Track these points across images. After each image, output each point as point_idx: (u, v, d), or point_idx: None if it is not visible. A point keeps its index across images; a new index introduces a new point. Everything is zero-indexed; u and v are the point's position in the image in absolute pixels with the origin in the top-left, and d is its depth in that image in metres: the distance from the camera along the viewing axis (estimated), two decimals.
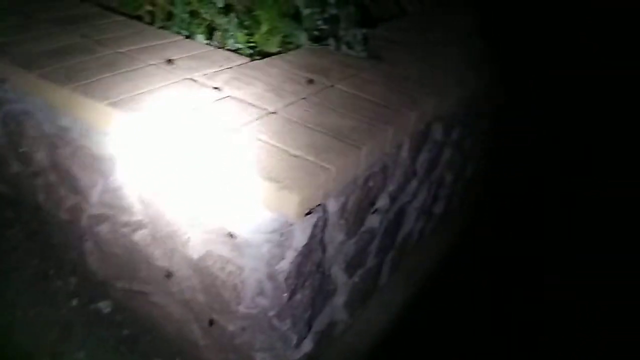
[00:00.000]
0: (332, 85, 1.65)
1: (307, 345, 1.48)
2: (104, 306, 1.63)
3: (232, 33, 1.92)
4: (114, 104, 1.33)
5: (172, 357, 1.54)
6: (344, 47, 1.92)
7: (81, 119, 1.43)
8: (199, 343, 1.47)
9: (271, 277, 1.25)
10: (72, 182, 1.53)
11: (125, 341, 1.56)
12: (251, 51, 1.92)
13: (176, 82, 1.51)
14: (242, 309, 1.32)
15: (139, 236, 1.40)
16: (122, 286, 1.57)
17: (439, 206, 2.25)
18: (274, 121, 1.38)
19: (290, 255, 1.23)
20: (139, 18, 2.06)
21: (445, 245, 2.32)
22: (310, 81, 1.64)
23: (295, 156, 1.23)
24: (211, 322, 1.39)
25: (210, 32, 1.92)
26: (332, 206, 1.32)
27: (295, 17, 1.98)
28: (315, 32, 1.97)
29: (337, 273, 1.54)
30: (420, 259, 2.16)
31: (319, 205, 1.24)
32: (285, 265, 1.23)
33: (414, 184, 1.79)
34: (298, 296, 1.34)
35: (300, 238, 1.23)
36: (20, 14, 1.94)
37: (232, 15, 1.91)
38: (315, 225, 1.25)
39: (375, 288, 1.88)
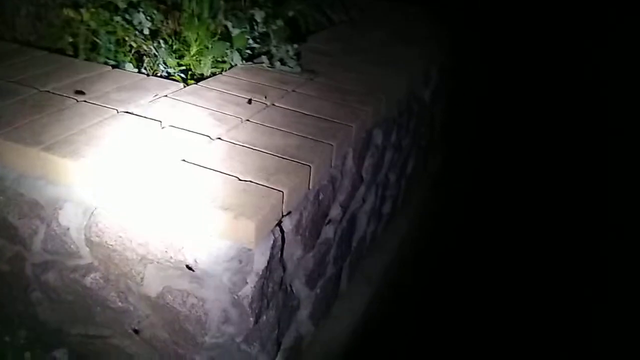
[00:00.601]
0: (272, 104, 1.66)
1: None
2: (61, 354, 1.55)
3: (161, 58, 1.89)
4: (47, 149, 1.27)
5: None
6: (277, 64, 1.94)
7: (14, 167, 1.35)
8: None
9: (235, 304, 1.25)
10: (10, 232, 1.44)
11: None
12: (183, 75, 1.89)
13: (110, 117, 1.47)
14: (208, 339, 1.30)
15: (90, 280, 1.35)
16: (78, 332, 1.50)
17: (387, 206, 2.33)
18: (219, 148, 1.38)
19: (252, 280, 1.24)
20: (61, 51, 1.97)
21: (396, 243, 2.40)
22: (249, 102, 1.65)
23: (246, 181, 1.24)
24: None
25: (138, 60, 1.88)
26: (287, 225, 1.34)
27: (225, 36, 1.98)
28: (247, 51, 1.97)
29: (299, 287, 1.56)
30: (375, 260, 2.22)
31: (275, 226, 1.25)
32: (248, 290, 1.23)
33: (362, 190, 1.85)
34: (264, 317, 1.35)
35: (260, 261, 1.24)
36: None
37: (160, 40, 1.88)
38: (273, 247, 1.26)
39: (337, 295, 1.91)
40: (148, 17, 1.78)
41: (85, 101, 1.53)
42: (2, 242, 1.52)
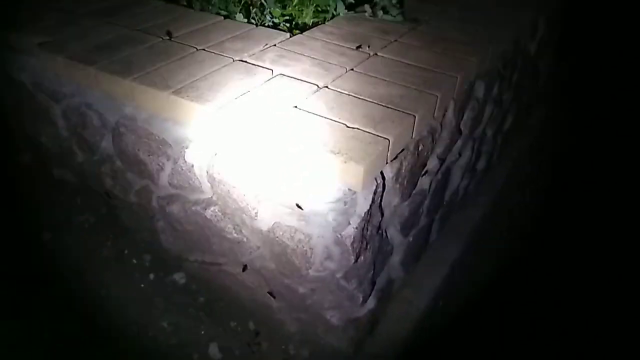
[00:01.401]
0: (375, 54, 1.69)
1: (371, 303, 1.59)
2: (179, 278, 1.77)
3: (268, 9, 1.96)
4: (177, 92, 1.41)
5: (246, 320, 1.68)
6: (379, 13, 1.94)
7: (145, 108, 1.52)
8: (271, 305, 1.60)
9: (338, 242, 1.34)
10: (140, 167, 1.64)
11: (203, 308, 1.70)
12: (288, 25, 1.96)
13: (227, 65, 1.58)
14: (311, 272, 1.42)
15: (210, 213, 1.51)
16: (195, 259, 1.70)
17: (482, 162, 2.30)
18: (327, 96, 1.44)
19: (355, 221, 1.32)
20: (176, 1, 2.10)
21: (487, 200, 2.38)
22: (354, 51, 1.68)
23: (354, 128, 1.30)
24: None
25: (247, 10, 1.97)
26: (388, 172, 1.39)
27: None
28: (350, 0, 1.99)
29: (394, 234, 1.63)
30: (466, 215, 2.23)
31: (379, 172, 1.31)
32: (350, 230, 1.32)
33: (459, 143, 1.84)
34: (362, 258, 1.44)
35: (362, 204, 1.31)
36: (59, 10, 2.00)
37: None
38: (375, 192, 1.33)
39: (427, 245, 1.97)
40: None
41: (204, 49, 1.65)
42: (132, 176, 1.73)
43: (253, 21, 1.93)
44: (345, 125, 1.31)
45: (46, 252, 1.86)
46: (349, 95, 1.45)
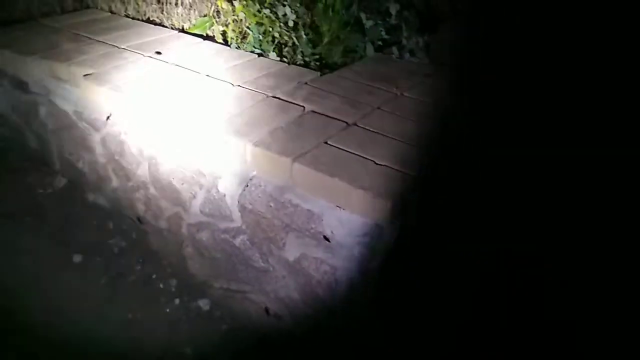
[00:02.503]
0: (402, 94, 1.76)
1: None
2: (204, 304, 1.81)
3: (300, 48, 2.06)
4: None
5: None
6: (406, 55, 2.02)
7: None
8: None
9: (362, 274, 1.38)
10: (173, 195, 1.71)
11: (226, 335, 1.73)
12: (318, 63, 2.05)
13: (261, 101, 1.66)
14: (335, 303, 1.45)
15: (238, 241, 1.56)
16: (221, 285, 1.74)
17: None
18: (355, 133, 1.51)
19: (380, 253, 1.36)
20: (212, 39, 2.23)
21: None
22: (382, 90, 1.75)
23: (382, 165, 1.35)
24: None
25: (280, 49, 2.07)
26: None
27: (357, 27, 2.10)
28: (379, 42, 2.08)
29: None
30: None
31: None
32: (375, 262, 1.36)
33: None
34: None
35: (388, 240, 1.35)
36: (103, 43, 2.14)
37: (300, 31, 2.05)
38: (401, 228, 1.37)
39: None
40: (293, 10, 1.95)
41: (239, 86, 1.75)
42: (164, 203, 1.80)
43: (285, 59, 2.03)
44: (374, 162, 1.37)
45: (76, 274, 1.92)
46: (377, 132, 1.51)
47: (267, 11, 1.99)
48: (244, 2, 2.01)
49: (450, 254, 1.45)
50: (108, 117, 1.84)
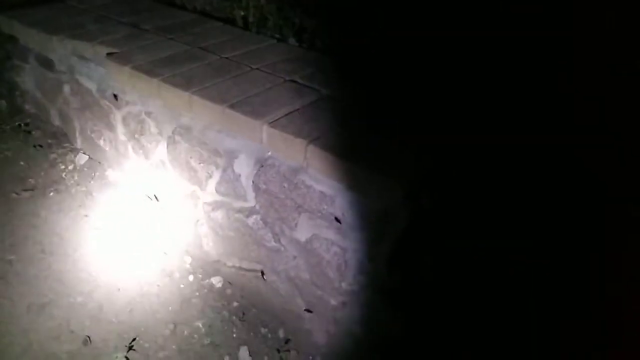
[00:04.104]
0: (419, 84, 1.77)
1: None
2: (216, 281, 1.86)
3: (319, 34, 2.08)
4: (232, 107, 1.52)
5: (277, 327, 1.74)
6: None
7: (201, 119, 1.64)
8: (302, 316, 1.66)
9: (372, 257, 1.40)
10: (190, 174, 1.75)
11: (236, 312, 1.78)
12: (337, 50, 2.06)
13: (279, 84, 1.69)
14: (344, 285, 1.48)
15: (251, 221, 1.60)
16: (233, 264, 1.79)
17: None
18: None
19: (390, 238, 1.38)
20: (232, 22, 2.26)
21: None
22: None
23: (395, 150, 1.37)
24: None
25: (300, 35, 2.09)
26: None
27: None
28: None
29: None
30: None
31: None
32: (385, 246, 1.38)
33: None
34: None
35: (399, 224, 1.37)
36: (127, 24, 2.19)
37: (320, 17, 2.06)
38: (412, 211, 1.39)
39: None
40: None
41: (258, 69, 1.78)
42: (182, 181, 1.84)
43: (304, 45, 2.05)
44: (388, 147, 1.39)
45: (96, 248, 1.99)
46: (393, 118, 1.53)
47: None
48: None
49: (462, 243, 1.48)
50: (129, 96, 1.89)
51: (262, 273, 1.69)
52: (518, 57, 1.57)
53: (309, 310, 1.61)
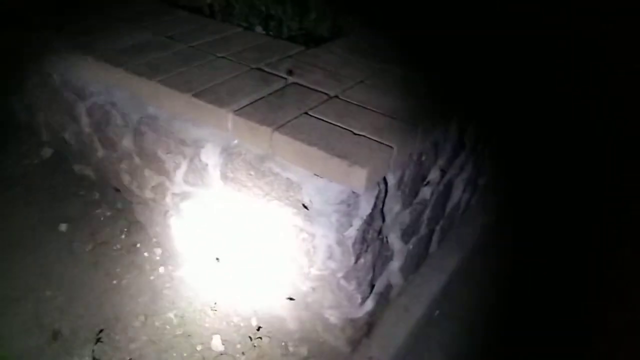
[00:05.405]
0: (385, 70, 1.78)
1: (368, 305, 1.66)
2: (187, 272, 1.85)
3: (285, 22, 2.07)
4: (197, 95, 1.51)
5: (249, 315, 1.75)
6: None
7: (167, 109, 1.62)
8: (274, 303, 1.67)
9: (340, 242, 1.42)
10: (158, 165, 1.73)
11: (208, 302, 1.78)
12: (304, 38, 2.06)
13: (245, 72, 1.68)
14: (313, 271, 1.50)
15: (221, 210, 1.60)
16: (204, 254, 1.78)
17: (483, 178, 2.37)
18: (337, 105, 1.54)
19: (357, 223, 1.40)
20: (199, 11, 2.23)
21: (489, 216, 2.44)
22: (365, 64, 1.78)
23: (360, 135, 1.39)
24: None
25: (266, 23, 2.08)
26: (391, 179, 1.48)
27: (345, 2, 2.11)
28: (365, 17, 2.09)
29: (394, 240, 1.70)
30: (466, 229, 2.29)
31: (382, 178, 1.40)
32: (352, 232, 1.40)
33: (461, 157, 1.92)
34: (362, 260, 1.51)
35: (365, 208, 1.39)
36: (92, 12, 2.14)
37: (287, 5, 2.06)
38: (377, 196, 1.41)
39: (426, 255, 2.04)
40: None
41: (224, 57, 1.76)
42: (149, 173, 1.83)
43: (272, 33, 2.05)
44: (352, 132, 1.40)
45: (61, 242, 1.95)
46: (357, 105, 1.54)
47: None
48: None
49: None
50: (93, 87, 1.86)
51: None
52: None
53: (290, 298, 1.62)
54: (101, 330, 1.64)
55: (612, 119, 2.97)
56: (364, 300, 1.60)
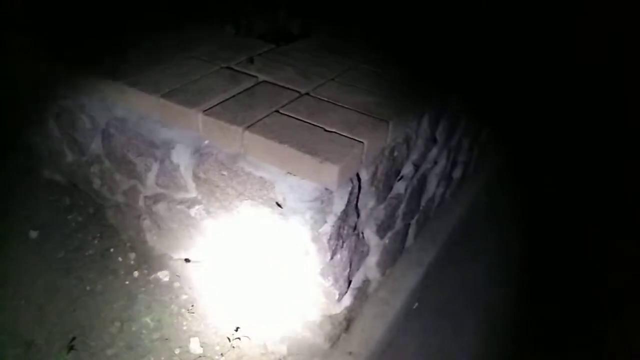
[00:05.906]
0: (355, 68, 1.79)
1: (347, 300, 1.67)
2: (163, 276, 1.83)
3: (255, 22, 2.06)
4: (166, 96, 1.49)
5: (227, 316, 1.73)
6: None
7: (136, 110, 1.59)
8: (252, 302, 1.66)
9: (315, 239, 1.42)
10: (128, 168, 1.71)
11: (185, 305, 1.76)
12: (274, 37, 2.06)
13: (215, 71, 1.66)
14: (289, 268, 1.50)
15: (194, 211, 1.58)
16: (179, 257, 1.76)
17: (458, 171, 2.40)
18: (308, 102, 1.54)
19: (331, 220, 1.40)
20: None
21: (464, 209, 2.48)
22: (336, 62, 1.78)
23: (331, 132, 1.39)
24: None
25: (237, 23, 2.07)
26: (364, 175, 1.48)
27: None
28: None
29: (370, 235, 1.71)
30: (441, 222, 2.32)
31: (355, 174, 1.40)
32: (327, 228, 1.40)
33: (434, 151, 1.94)
34: (338, 256, 1.52)
35: (339, 204, 1.40)
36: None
37: (256, 4, 2.05)
38: (351, 192, 1.41)
39: (403, 249, 2.05)
40: None
41: (193, 57, 1.74)
42: (120, 176, 1.80)
43: (242, 32, 2.03)
44: (324, 129, 1.40)
45: (32, 249, 1.91)
46: (328, 102, 1.54)
47: None
48: None
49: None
50: (61, 90, 1.82)
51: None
52: None
53: (269, 296, 1.61)
54: (74, 338, 1.61)
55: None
56: (341, 296, 1.61)
